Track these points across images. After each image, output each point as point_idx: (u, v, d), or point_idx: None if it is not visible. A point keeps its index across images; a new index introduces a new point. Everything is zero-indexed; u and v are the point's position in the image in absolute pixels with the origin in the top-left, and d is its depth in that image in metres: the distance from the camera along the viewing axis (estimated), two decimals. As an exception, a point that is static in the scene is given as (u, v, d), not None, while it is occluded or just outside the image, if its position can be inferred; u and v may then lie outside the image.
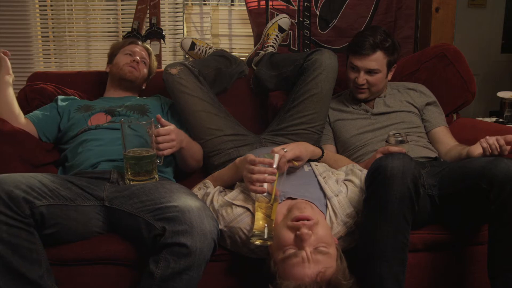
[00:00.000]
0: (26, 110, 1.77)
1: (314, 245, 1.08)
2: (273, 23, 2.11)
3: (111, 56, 1.87)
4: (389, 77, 1.75)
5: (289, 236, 1.11)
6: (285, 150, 1.32)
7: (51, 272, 1.15)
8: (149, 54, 1.90)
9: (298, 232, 1.08)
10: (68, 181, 1.28)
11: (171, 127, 1.39)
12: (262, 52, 2.06)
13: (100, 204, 1.28)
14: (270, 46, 2.06)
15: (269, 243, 1.16)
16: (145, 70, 1.85)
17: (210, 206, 1.30)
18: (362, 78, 1.68)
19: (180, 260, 1.08)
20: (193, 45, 2.17)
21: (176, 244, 1.09)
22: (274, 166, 1.22)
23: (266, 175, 1.19)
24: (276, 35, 2.09)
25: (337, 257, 1.11)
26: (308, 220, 1.12)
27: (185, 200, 1.17)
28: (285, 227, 1.13)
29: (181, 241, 1.08)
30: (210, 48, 2.14)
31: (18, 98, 1.83)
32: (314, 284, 1.02)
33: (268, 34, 2.10)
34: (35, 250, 1.12)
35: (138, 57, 1.81)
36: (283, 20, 2.12)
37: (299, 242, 1.08)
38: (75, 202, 1.23)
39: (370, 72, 1.67)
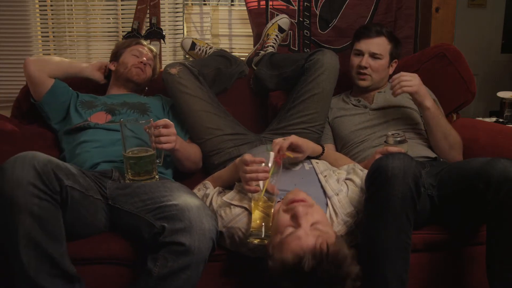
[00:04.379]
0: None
1: (311, 223, 1.08)
2: (273, 23, 2.11)
3: (116, 54, 1.86)
4: (390, 70, 1.81)
5: (285, 218, 1.11)
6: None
7: (67, 251, 1.14)
8: (154, 56, 1.91)
9: (293, 211, 1.09)
10: (81, 171, 1.28)
11: (170, 122, 1.40)
12: (262, 52, 2.06)
13: (105, 202, 1.29)
14: (270, 46, 2.06)
15: (266, 242, 1.16)
16: (151, 72, 1.86)
17: (210, 207, 1.30)
18: (366, 60, 1.74)
19: (178, 259, 1.08)
20: (193, 45, 2.17)
21: (175, 243, 1.08)
22: (270, 164, 1.22)
23: (258, 173, 1.19)
24: (276, 35, 2.09)
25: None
26: (303, 201, 1.12)
27: (185, 199, 1.17)
28: (281, 211, 1.13)
29: (179, 240, 1.08)
30: (210, 48, 2.14)
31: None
32: (314, 252, 0.98)
33: (268, 34, 2.10)
34: (60, 227, 1.12)
35: (145, 59, 1.81)
36: (283, 20, 2.12)
37: (296, 220, 1.08)
38: (88, 192, 1.23)
39: (373, 56, 1.74)
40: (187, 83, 1.69)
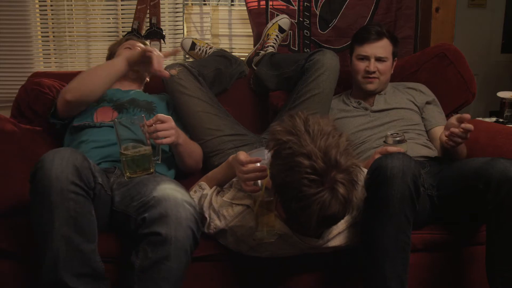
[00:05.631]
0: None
1: None
2: (273, 23, 2.11)
3: (110, 55, 1.87)
4: (392, 70, 1.79)
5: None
6: None
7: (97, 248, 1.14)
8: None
9: None
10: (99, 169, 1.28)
11: (167, 116, 1.39)
12: (262, 52, 2.06)
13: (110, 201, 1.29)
14: (270, 46, 2.06)
15: (272, 239, 1.16)
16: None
17: (210, 208, 1.29)
18: (373, 65, 1.72)
19: (157, 250, 1.08)
20: (193, 45, 2.16)
21: (152, 233, 1.09)
22: (266, 161, 1.20)
23: (256, 173, 1.19)
24: (276, 35, 2.09)
25: None
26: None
27: (164, 190, 1.17)
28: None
29: (156, 229, 1.08)
30: (210, 48, 2.14)
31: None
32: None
33: (268, 34, 2.10)
34: (93, 222, 1.12)
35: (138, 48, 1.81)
36: (283, 20, 2.12)
37: None
38: (106, 190, 1.24)
39: (379, 60, 1.72)
40: (186, 84, 1.69)
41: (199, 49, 2.13)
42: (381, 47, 1.73)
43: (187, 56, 2.30)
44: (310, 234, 1.20)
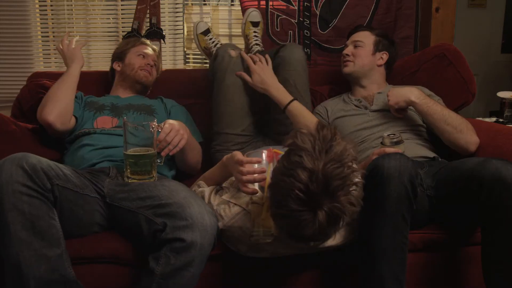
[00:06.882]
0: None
1: None
2: (245, 24, 2.04)
3: (120, 54, 1.84)
4: (379, 62, 1.82)
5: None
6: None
7: (68, 254, 1.12)
8: (157, 55, 1.90)
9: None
10: (75, 171, 1.28)
11: (167, 123, 1.36)
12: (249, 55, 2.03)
13: (102, 200, 1.29)
14: (254, 45, 2.00)
15: (268, 240, 1.16)
16: (155, 73, 1.86)
17: (208, 205, 1.29)
18: (349, 49, 1.83)
19: (180, 256, 1.07)
20: (207, 31, 2.06)
21: (177, 239, 1.08)
22: (263, 163, 1.19)
23: (255, 175, 1.16)
24: (254, 32, 2.02)
25: None
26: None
27: (185, 196, 1.17)
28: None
29: (181, 236, 1.07)
30: (217, 44, 2.07)
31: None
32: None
33: (246, 35, 2.04)
34: (55, 226, 1.10)
35: (152, 61, 1.81)
36: (252, 14, 2.04)
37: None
38: (84, 191, 1.23)
39: (355, 44, 1.82)
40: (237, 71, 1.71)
41: (210, 38, 2.03)
42: (360, 35, 1.85)
43: (192, 37, 2.21)
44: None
